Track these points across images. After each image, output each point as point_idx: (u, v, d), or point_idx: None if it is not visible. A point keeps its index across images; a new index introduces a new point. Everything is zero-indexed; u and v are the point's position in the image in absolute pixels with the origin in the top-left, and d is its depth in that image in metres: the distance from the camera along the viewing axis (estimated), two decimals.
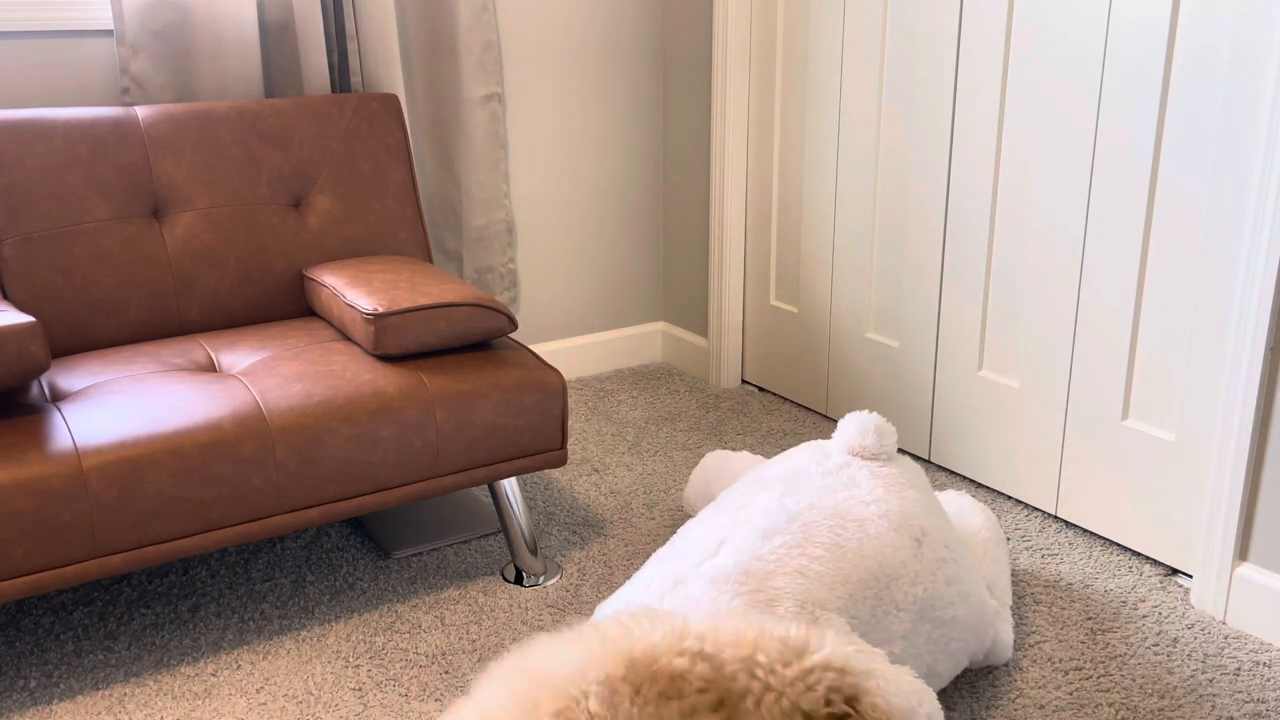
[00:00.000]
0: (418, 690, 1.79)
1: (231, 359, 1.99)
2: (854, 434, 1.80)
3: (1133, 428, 2.13)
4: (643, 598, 1.50)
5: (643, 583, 1.53)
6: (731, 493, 1.76)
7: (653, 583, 1.51)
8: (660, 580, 1.52)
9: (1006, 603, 1.87)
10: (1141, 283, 2.07)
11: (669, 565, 1.55)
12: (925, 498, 1.75)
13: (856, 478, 1.72)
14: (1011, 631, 1.81)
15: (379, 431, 1.86)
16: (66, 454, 1.66)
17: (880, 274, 2.61)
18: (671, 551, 1.59)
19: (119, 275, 2.09)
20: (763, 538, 1.55)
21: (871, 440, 1.78)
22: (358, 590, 2.07)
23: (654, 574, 1.54)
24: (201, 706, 1.75)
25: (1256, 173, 1.82)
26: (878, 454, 1.78)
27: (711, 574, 1.49)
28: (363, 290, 2.02)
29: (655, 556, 1.63)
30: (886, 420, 1.81)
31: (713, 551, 1.55)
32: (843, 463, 1.76)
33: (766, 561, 1.51)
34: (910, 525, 1.66)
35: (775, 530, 1.57)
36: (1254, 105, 1.84)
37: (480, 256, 2.81)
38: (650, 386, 3.06)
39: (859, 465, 1.76)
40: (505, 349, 2.07)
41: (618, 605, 1.51)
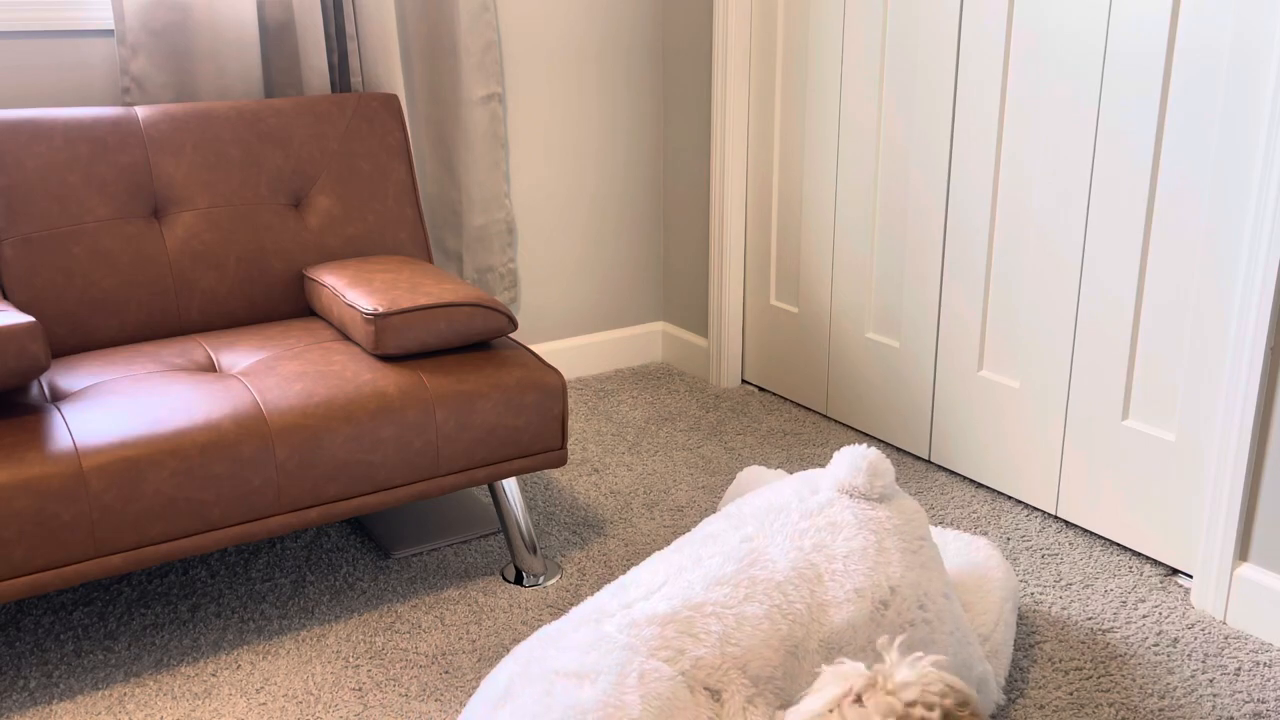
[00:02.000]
0: (418, 690, 1.79)
1: (231, 359, 1.99)
2: (844, 471, 1.69)
3: (1133, 428, 2.13)
4: (562, 627, 1.50)
5: (582, 612, 1.53)
6: (714, 519, 1.71)
7: (574, 615, 1.51)
8: (585, 611, 1.51)
9: (1004, 664, 1.77)
10: (1142, 283, 2.07)
11: (605, 595, 1.55)
12: (911, 547, 1.64)
13: (838, 521, 1.63)
14: (998, 691, 1.72)
15: (379, 431, 1.86)
16: (66, 454, 1.66)
17: (880, 274, 2.61)
18: (630, 578, 1.59)
19: (119, 275, 2.09)
20: (704, 586, 1.52)
21: (862, 481, 1.67)
22: (358, 590, 2.07)
23: (586, 604, 1.55)
24: (201, 707, 1.75)
25: (1257, 173, 1.82)
26: (868, 493, 1.67)
27: (633, 616, 1.47)
28: (363, 290, 2.02)
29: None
30: (883, 457, 1.70)
31: (653, 590, 1.53)
32: (828, 500, 1.66)
33: (697, 612, 1.48)
34: (878, 586, 1.57)
35: (722, 580, 1.53)
36: (1254, 105, 1.84)
37: (480, 256, 2.81)
38: (650, 386, 3.06)
39: (845, 506, 1.66)
40: (505, 349, 2.07)
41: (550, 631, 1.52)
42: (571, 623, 1.50)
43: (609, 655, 1.42)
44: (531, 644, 1.49)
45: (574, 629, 1.48)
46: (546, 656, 1.44)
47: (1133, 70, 2.01)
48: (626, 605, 1.51)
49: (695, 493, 2.45)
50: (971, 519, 2.33)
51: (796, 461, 2.60)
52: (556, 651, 1.44)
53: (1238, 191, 1.89)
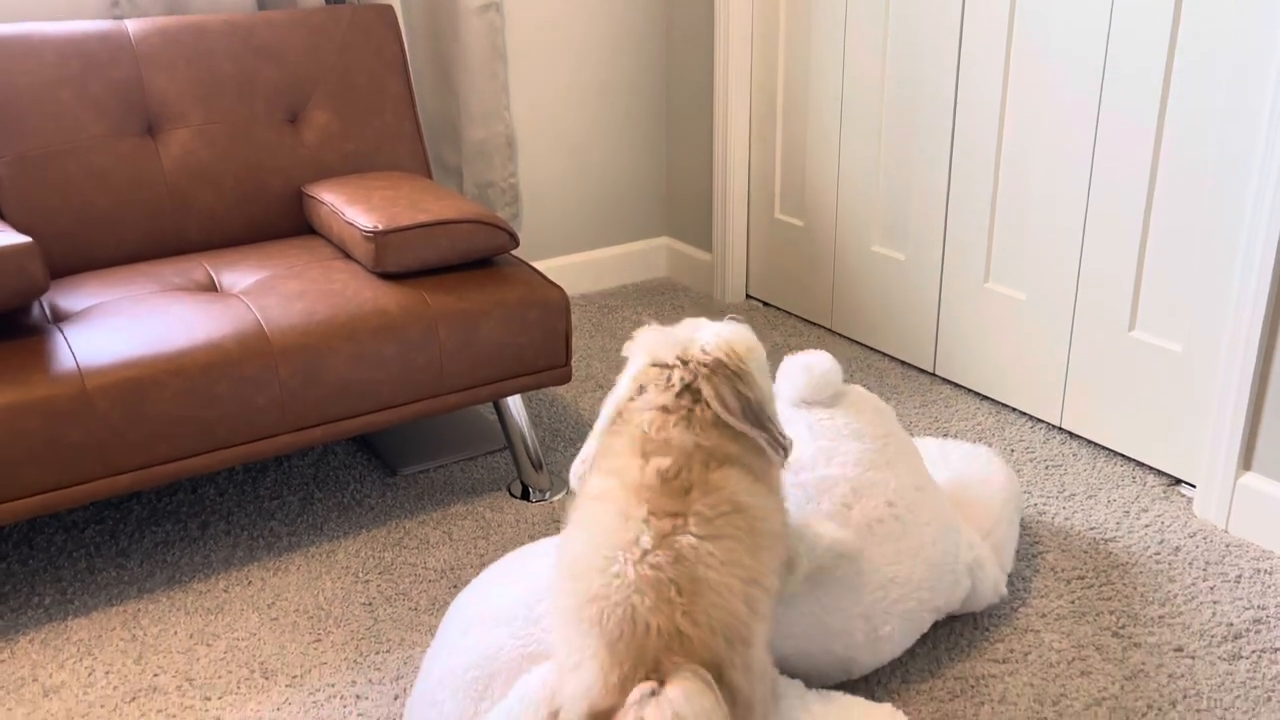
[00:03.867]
0: (427, 604, 1.81)
1: (232, 278, 1.98)
2: (789, 384, 1.65)
3: (1139, 339, 2.12)
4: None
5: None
6: None
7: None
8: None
9: (1007, 559, 1.78)
10: (1151, 193, 2.04)
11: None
12: (872, 446, 1.61)
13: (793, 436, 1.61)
14: (999, 574, 1.72)
15: (382, 350, 1.85)
16: (70, 375, 1.66)
17: (886, 186, 2.58)
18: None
19: (115, 194, 2.07)
20: None
21: (806, 389, 1.63)
22: (365, 507, 2.08)
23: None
24: (214, 621, 1.77)
25: (1271, 83, 1.78)
26: (818, 400, 1.65)
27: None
28: (362, 208, 2.00)
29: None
30: (827, 359, 1.65)
31: None
32: (784, 419, 1.63)
33: None
34: (833, 490, 1.56)
35: None
36: (1270, 16, 1.79)
37: (480, 171, 2.78)
38: (654, 302, 3.05)
39: (797, 418, 1.64)
40: (507, 266, 2.05)
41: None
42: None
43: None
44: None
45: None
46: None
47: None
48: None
49: None
50: (976, 431, 2.34)
51: None
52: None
53: (1251, 100, 1.85)
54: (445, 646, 1.44)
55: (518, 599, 1.42)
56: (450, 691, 1.37)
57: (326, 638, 1.74)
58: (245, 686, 1.63)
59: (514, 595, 1.43)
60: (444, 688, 1.39)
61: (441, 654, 1.44)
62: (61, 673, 1.66)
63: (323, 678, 1.65)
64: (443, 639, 1.47)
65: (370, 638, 1.73)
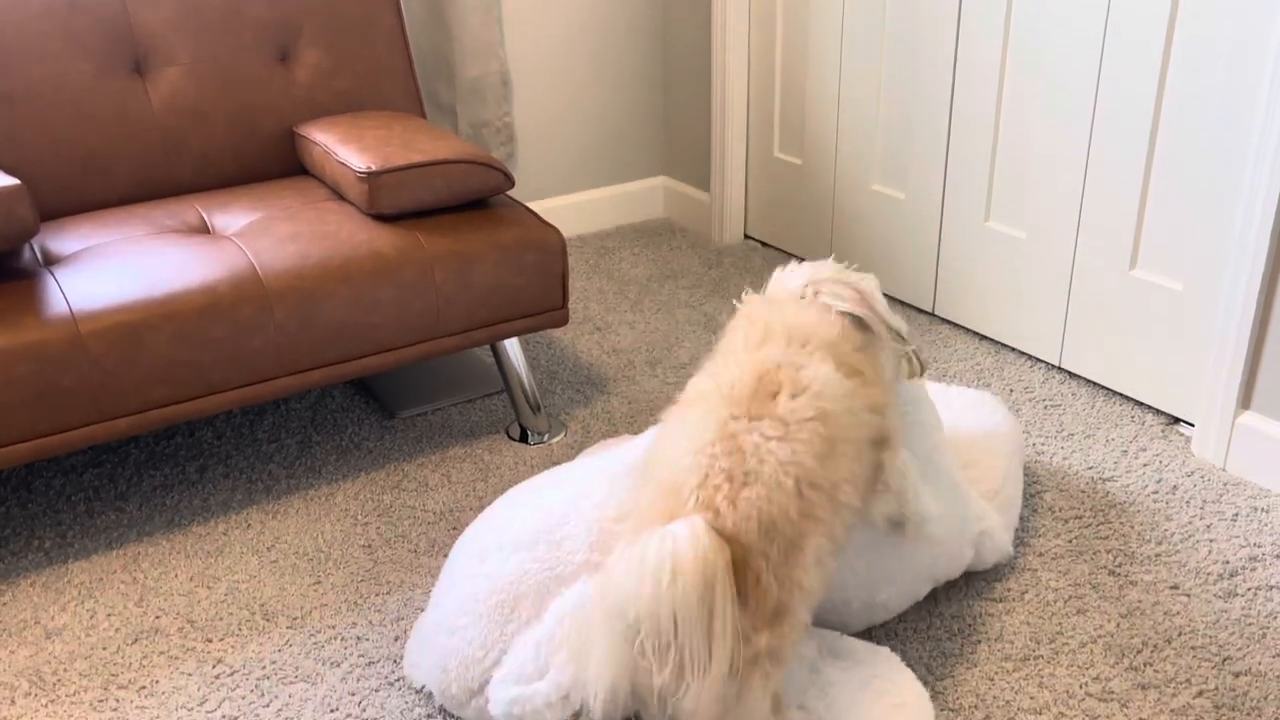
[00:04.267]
0: (426, 546, 1.82)
1: (224, 220, 1.96)
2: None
3: (1140, 278, 2.11)
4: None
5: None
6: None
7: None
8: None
9: (1013, 518, 1.77)
10: (1155, 130, 2.01)
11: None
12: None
13: None
14: (1005, 538, 1.70)
15: (377, 292, 1.84)
16: (63, 319, 1.64)
17: (887, 124, 2.54)
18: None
19: (104, 135, 2.04)
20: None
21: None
22: (364, 450, 2.08)
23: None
24: (214, 564, 1.78)
25: (1276, 17, 1.75)
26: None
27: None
28: (355, 148, 1.97)
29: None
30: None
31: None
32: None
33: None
34: None
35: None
36: None
37: (475, 110, 2.74)
38: (652, 243, 3.02)
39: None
40: (503, 207, 2.03)
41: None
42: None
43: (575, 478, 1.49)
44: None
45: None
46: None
47: None
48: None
49: (698, 350, 2.44)
50: (975, 371, 2.33)
51: None
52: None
53: (1256, 40, 1.82)
54: (460, 575, 1.45)
55: (537, 526, 1.43)
56: (472, 617, 1.38)
57: (326, 580, 1.74)
58: (246, 628, 1.64)
59: (532, 522, 1.44)
60: (464, 614, 1.39)
61: (457, 583, 1.44)
62: (63, 615, 1.67)
63: (323, 619, 1.66)
64: (455, 569, 1.47)
65: (370, 580, 1.74)
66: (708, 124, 2.98)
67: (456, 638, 1.39)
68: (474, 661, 1.37)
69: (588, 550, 1.38)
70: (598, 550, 1.37)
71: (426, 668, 1.44)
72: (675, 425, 1.30)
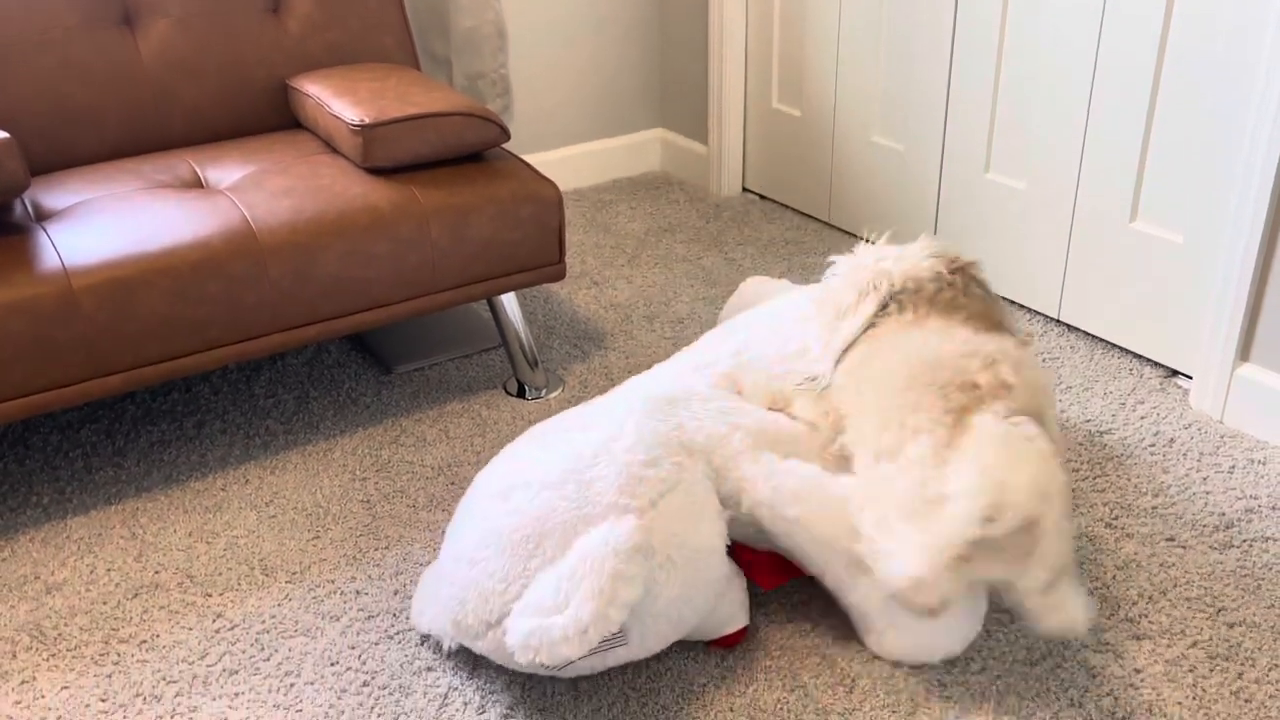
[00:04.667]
0: (425, 501, 1.82)
1: (217, 174, 1.94)
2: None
3: (1140, 230, 2.10)
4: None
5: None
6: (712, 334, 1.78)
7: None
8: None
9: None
10: (1156, 81, 1.99)
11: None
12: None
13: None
14: None
15: (372, 247, 1.83)
16: (56, 275, 1.63)
17: (887, 74, 2.51)
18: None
19: (94, 88, 2.01)
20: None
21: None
22: (361, 405, 2.08)
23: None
24: (213, 520, 1.78)
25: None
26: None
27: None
28: (348, 100, 1.95)
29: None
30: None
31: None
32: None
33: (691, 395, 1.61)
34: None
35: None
36: None
37: (470, 62, 2.70)
38: (649, 197, 3.00)
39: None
40: (498, 160, 2.01)
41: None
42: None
43: (612, 415, 1.53)
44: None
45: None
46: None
47: None
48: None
49: (695, 304, 2.43)
50: None
51: (798, 271, 2.58)
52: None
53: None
54: (480, 513, 1.45)
55: (566, 465, 1.44)
56: (496, 550, 1.39)
57: (325, 535, 1.75)
58: (246, 583, 1.65)
59: (562, 462, 1.44)
60: (487, 547, 1.40)
61: (477, 519, 1.44)
62: (63, 570, 1.68)
63: (322, 574, 1.67)
64: (475, 507, 1.47)
65: (369, 534, 1.75)
66: (705, 75, 2.95)
67: (477, 570, 1.39)
68: (494, 594, 1.37)
69: (616, 493, 1.39)
70: (625, 493, 1.39)
71: (442, 600, 1.43)
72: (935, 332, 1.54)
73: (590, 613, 1.25)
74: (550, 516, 1.38)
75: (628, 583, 1.28)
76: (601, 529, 1.34)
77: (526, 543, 1.37)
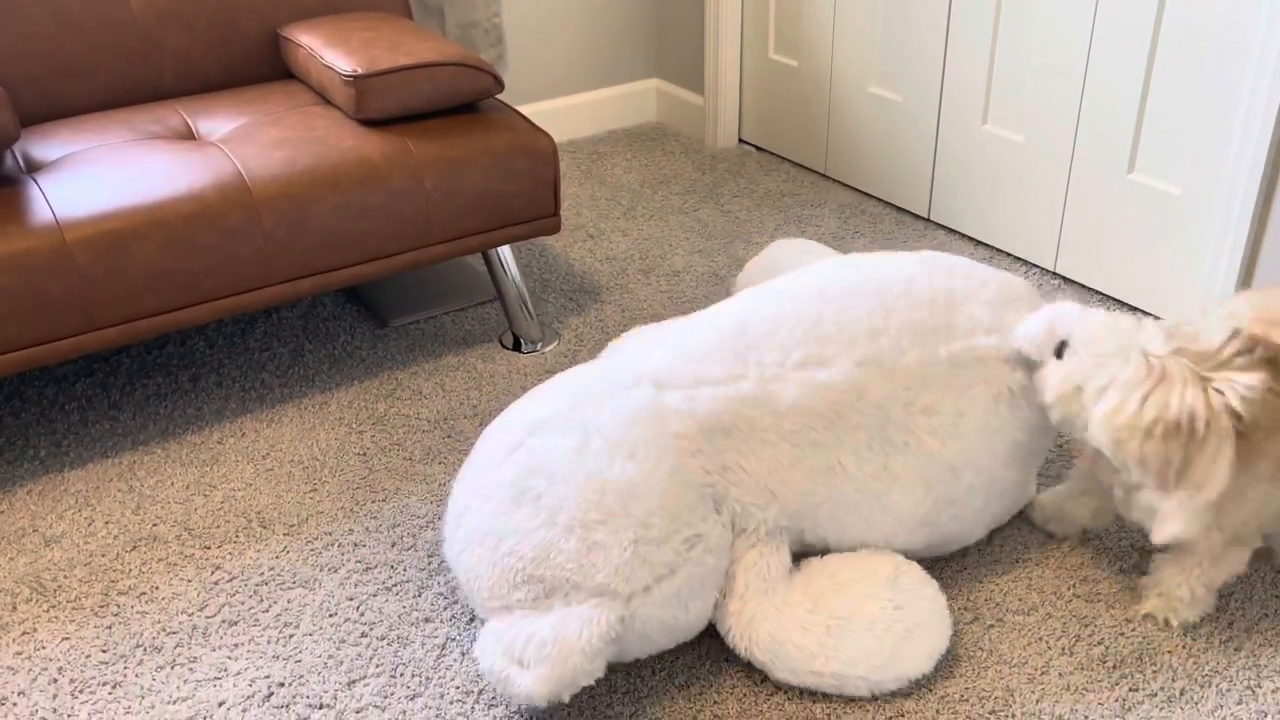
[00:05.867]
0: (421, 454, 1.83)
1: (209, 125, 1.92)
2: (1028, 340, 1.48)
3: (1138, 181, 2.09)
4: (611, 384, 1.44)
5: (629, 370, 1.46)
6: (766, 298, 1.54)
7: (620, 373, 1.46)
8: (632, 370, 1.45)
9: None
10: (1156, 32, 1.97)
11: (660, 356, 1.47)
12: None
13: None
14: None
15: (366, 199, 1.81)
16: (48, 227, 1.62)
17: (884, 24, 2.49)
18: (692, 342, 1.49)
19: (83, 38, 1.98)
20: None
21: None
22: (357, 359, 2.08)
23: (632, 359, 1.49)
24: (210, 473, 1.79)
25: None
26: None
27: (694, 405, 1.42)
28: (341, 50, 1.93)
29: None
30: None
31: (723, 380, 1.45)
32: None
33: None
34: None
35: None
36: None
37: (463, 11, 2.67)
38: (644, 148, 2.98)
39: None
40: (493, 111, 1.99)
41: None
42: (620, 382, 1.43)
43: (652, 443, 1.36)
44: (577, 389, 1.45)
45: (625, 389, 1.42)
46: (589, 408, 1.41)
47: None
48: (691, 384, 1.43)
49: (692, 257, 2.42)
50: None
51: (794, 223, 2.57)
52: (598, 411, 1.39)
53: None
54: (495, 490, 1.37)
55: (585, 495, 1.32)
56: (489, 555, 1.34)
57: (322, 488, 1.75)
58: (243, 535, 1.66)
59: (582, 484, 1.33)
60: (483, 544, 1.35)
61: (492, 492, 1.37)
62: (61, 523, 1.69)
63: (320, 526, 1.67)
64: (492, 471, 1.40)
65: (365, 487, 1.75)
66: (701, 24, 2.91)
67: (471, 556, 1.37)
68: (476, 594, 1.36)
69: (613, 573, 1.29)
70: (620, 576, 1.29)
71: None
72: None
73: (544, 692, 1.24)
74: (548, 559, 1.30)
75: (588, 674, 1.26)
76: (581, 613, 1.27)
77: (517, 573, 1.31)
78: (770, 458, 1.40)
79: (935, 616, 1.39)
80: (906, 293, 1.51)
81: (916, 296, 1.51)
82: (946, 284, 1.53)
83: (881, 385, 1.44)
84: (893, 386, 1.44)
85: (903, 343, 1.47)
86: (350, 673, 1.43)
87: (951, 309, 1.50)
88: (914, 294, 1.51)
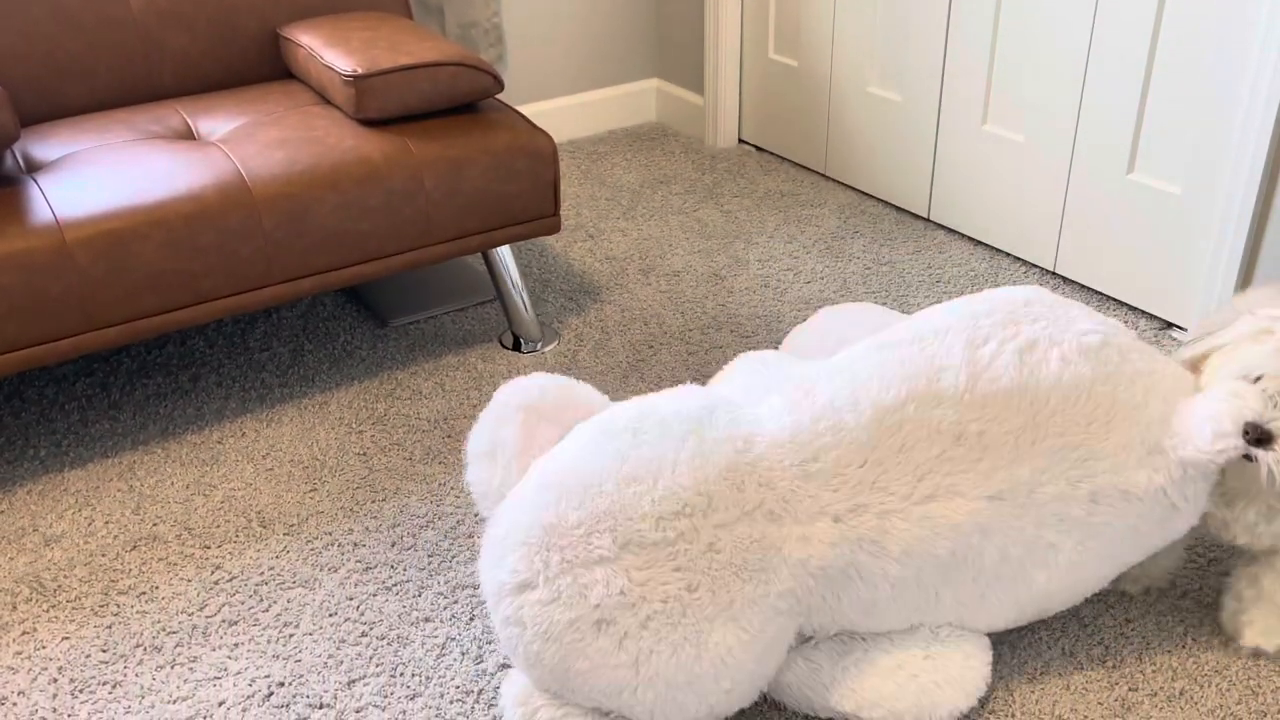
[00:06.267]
0: (421, 454, 1.83)
1: (209, 125, 1.92)
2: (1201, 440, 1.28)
3: (1138, 181, 2.09)
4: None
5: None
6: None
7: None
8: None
9: None
10: (1155, 32, 1.97)
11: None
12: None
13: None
14: None
15: (366, 199, 1.82)
16: (48, 227, 1.62)
17: (884, 24, 2.49)
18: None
19: (84, 37, 1.98)
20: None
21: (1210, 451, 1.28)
22: (356, 359, 2.08)
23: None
24: (210, 473, 1.79)
25: None
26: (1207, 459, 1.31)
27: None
28: (341, 50, 1.93)
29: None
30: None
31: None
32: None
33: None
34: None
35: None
36: None
37: (463, 10, 2.67)
38: (644, 148, 2.98)
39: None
40: (493, 111, 1.99)
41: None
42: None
43: (755, 605, 1.22)
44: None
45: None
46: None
47: None
48: (810, 516, 1.24)
49: (691, 257, 2.43)
50: (969, 277, 2.32)
51: (794, 223, 2.57)
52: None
53: None
54: (525, 530, 1.25)
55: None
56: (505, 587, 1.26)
57: (322, 487, 1.75)
58: (244, 535, 1.66)
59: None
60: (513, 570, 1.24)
61: (528, 521, 1.25)
62: (61, 523, 1.69)
63: (320, 526, 1.67)
64: (533, 509, 1.27)
65: (365, 487, 1.75)
66: (701, 24, 2.92)
67: (498, 569, 1.28)
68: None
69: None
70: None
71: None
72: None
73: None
74: (619, 697, 1.22)
75: None
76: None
77: (580, 692, 1.24)
78: (865, 599, 1.27)
79: (969, 674, 1.30)
80: (1062, 410, 1.28)
81: (1073, 414, 1.29)
82: (1111, 392, 1.30)
83: (1008, 525, 1.27)
84: (1020, 525, 1.27)
85: (1042, 476, 1.27)
86: (350, 672, 1.43)
87: (1111, 426, 1.29)
88: (1071, 410, 1.29)
